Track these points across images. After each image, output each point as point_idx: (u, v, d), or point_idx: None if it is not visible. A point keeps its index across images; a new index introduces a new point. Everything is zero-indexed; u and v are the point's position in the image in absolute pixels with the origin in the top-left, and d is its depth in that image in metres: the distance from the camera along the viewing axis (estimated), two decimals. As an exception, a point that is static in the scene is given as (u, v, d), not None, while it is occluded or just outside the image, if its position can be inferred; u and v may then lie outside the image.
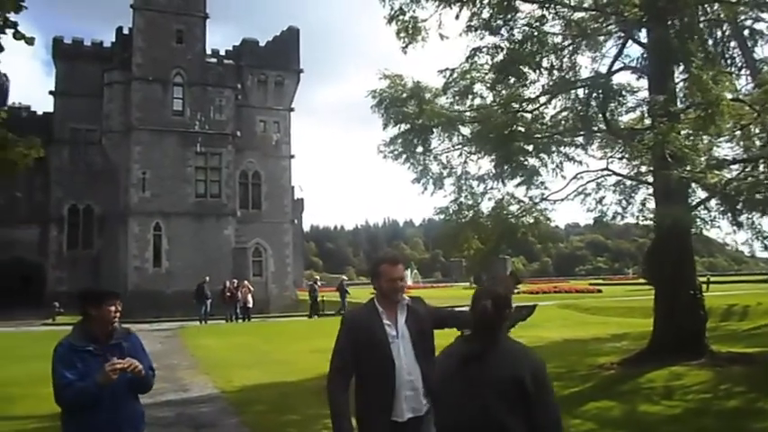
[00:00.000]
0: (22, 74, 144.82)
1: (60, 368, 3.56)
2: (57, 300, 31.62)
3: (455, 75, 10.00)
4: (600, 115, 9.48)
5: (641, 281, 56.09)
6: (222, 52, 41.55)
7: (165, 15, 37.26)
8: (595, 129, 9.92)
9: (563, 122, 10.26)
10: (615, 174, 11.53)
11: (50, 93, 39.77)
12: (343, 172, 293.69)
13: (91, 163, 39.74)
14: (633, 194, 12.61)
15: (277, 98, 42.35)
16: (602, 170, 11.72)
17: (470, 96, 10.19)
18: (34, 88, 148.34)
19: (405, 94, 9.83)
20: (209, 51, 39.91)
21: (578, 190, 12.21)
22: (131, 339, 4.06)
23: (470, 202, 10.92)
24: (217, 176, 38.31)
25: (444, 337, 3.31)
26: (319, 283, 32.95)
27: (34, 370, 13.08)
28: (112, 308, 3.81)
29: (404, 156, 10.56)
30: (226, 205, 38.30)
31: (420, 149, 10.31)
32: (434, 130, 10.03)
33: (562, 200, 11.94)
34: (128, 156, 36.45)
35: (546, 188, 11.79)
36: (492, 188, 10.82)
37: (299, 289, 58.54)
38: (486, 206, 10.95)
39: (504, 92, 10.09)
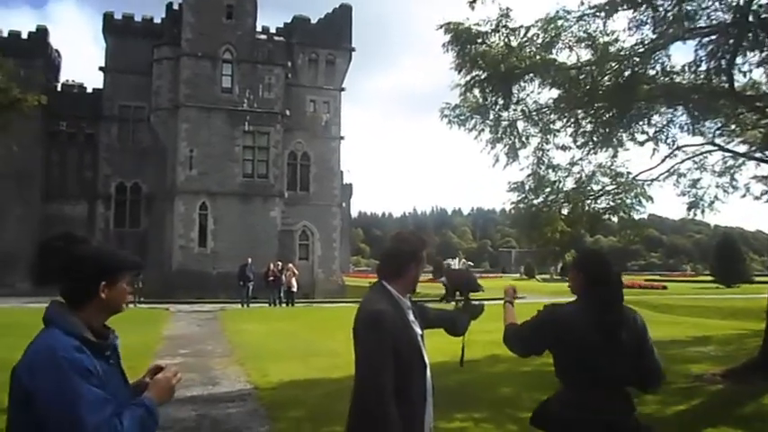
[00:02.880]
0: (75, 50, 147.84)
1: (84, 385, 2.00)
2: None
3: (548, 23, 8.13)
4: (722, 73, 7.58)
5: (705, 278, 53.25)
6: (273, 29, 40.26)
7: (215, -10, 36.27)
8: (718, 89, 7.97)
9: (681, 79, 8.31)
10: (724, 149, 9.67)
11: (100, 69, 39.33)
12: (392, 158, 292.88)
13: (139, 141, 39.29)
14: (734, 175, 10.75)
15: (328, 77, 41.00)
16: (705, 144, 9.88)
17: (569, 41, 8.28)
18: (87, 64, 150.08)
19: (489, 27, 8.09)
20: (259, 28, 38.80)
21: (671, 169, 10.41)
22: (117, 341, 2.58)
23: (552, 177, 9.21)
24: (264, 156, 37.29)
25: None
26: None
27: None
28: (127, 286, 2.38)
29: (474, 118, 8.90)
30: (273, 186, 37.27)
31: (499, 103, 8.51)
32: (523, 78, 8.23)
33: (651, 181, 10.15)
34: (175, 133, 35.76)
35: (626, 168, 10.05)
36: (578, 160, 9.07)
37: (346, 274, 57.73)
38: (571, 181, 9.21)
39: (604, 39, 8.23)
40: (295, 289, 26.43)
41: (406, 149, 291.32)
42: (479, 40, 8.07)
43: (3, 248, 36.16)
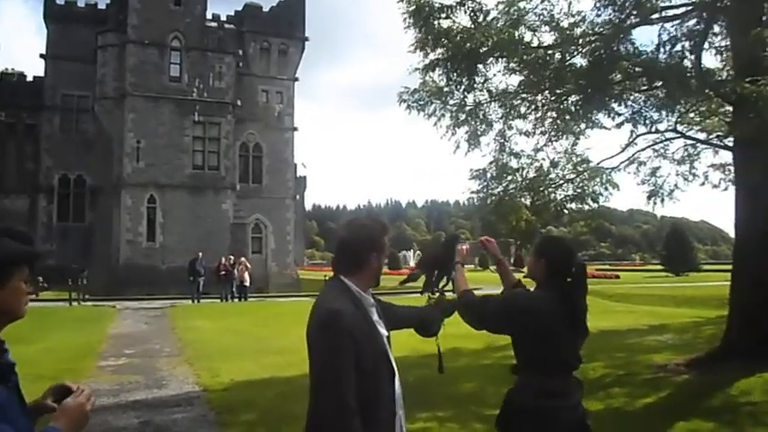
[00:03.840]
0: (13, 36, 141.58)
1: None
2: (44, 274, 29.79)
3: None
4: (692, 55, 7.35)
5: (655, 267, 54.49)
6: (223, 17, 39.12)
7: (163, -25, 35.00)
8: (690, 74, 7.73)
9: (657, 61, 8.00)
10: (686, 137, 9.53)
11: (41, 56, 37.55)
12: (347, 151, 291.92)
13: (83, 131, 37.80)
14: (694, 164, 10.69)
15: (280, 67, 40.13)
16: (668, 131, 9.72)
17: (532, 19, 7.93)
18: (27, 51, 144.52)
19: (453, 0, 7.62)
20: (210, 16, 37.65)
21: (631, 158, 10.25)
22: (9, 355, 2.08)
23: (514, 164, 8.89)
24: (215, 147, 36.27)
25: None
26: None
27: None
28: (25, 285, 1.89)
29: (434, 103, 8.49)
30: (224, 178, 36.31)
31: (464, 84, 8.09)
32: (489, 58, 7.82)
33: (612, 170, 9.97)
34: (121, 124, 34.39)
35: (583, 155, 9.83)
36: (543, 146, 8.76)
37: (300, 267, 56.94)
38: (534, 170, 8.90)
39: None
40: (248, 283, 25.67)
41: (361, 142, 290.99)
42: (443, 15, 7.64)
43: (-64, 245, 34.23)
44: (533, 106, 8.96)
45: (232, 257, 26.79)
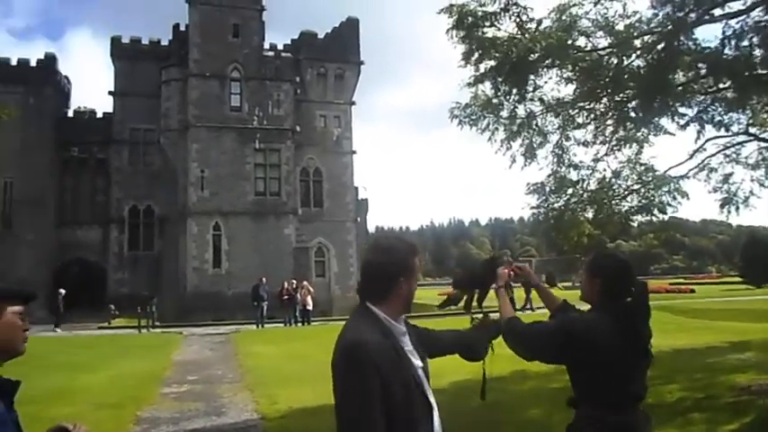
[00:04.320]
0: (89, 76, 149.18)
1: None
2: (117, 302, 30.84)
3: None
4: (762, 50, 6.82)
5: (732, 279, 51.81)
6: (280, 46, 40.01)
7: (220, 9, 36.17)
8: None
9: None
10: (760, 139, 8.89)
11: (110, 93, 39.27)
12: (407, 172, 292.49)
13: (150, 163, 39.14)
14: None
15: (337, 92, 40.63)
16: (740, 134, 9.11)
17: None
18: (98, 89, 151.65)
19: (497, 6, 7.36)
20: (266, 46, 38.57)
21: (701, 164, 9.64)
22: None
23: (574, 176, 8.47)
24: (276, 173, 36.85)
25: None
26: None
27: (52, 385, 11.60)
28: (19, 320, 1.91)
29: (486, 117, 8.21)
30: (286, 203, 36.77)
31: (513, 95, 7.79)
32: (539, 65, 7.50)
33: (680, 178, 9.38)
34: (185, 154, 35.45)
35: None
36: (603, 156, 8.32)
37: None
38: (595, 181, 8.46)
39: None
40: (311, 307, 25.75)
41: (421, 163, 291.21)
42: (487, 23, 7.38)
43: (18, 275, 35.92)
44: (591, 115, 8.55)
45: (294, 281, 26.96)
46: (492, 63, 7.49)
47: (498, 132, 8.46)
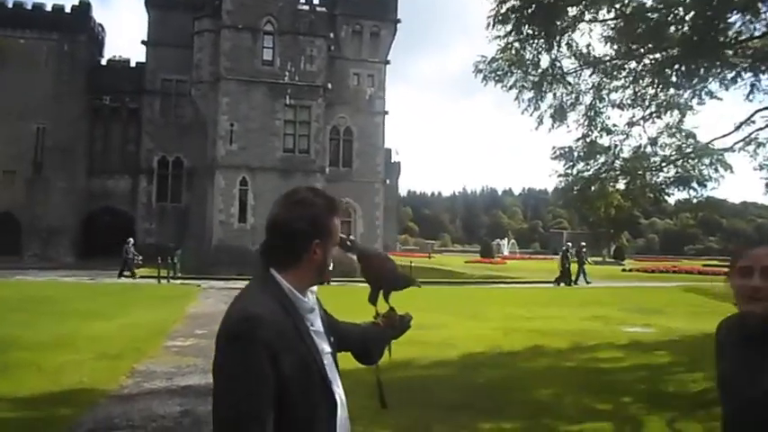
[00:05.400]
0: (122, 24, 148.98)
1: None
2: (143, 251, 31.00)
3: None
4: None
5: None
6: (316, 1, 39.07)
7: (256, -41, 35.30)
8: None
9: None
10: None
11: (143, 42, 38.99)
12: (441, 137, 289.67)
13: (181, 114, 39.03)
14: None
15: (372, 50, 39.67)
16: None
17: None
18: (133, 39, 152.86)
19: None
20: (303, 0, 37.68)
21: (747, 138, 8.80)
22: None
23: (605, 142, 7.74)
24: (306, 131, 36.33)
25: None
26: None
27: (61, 331, 11.48)
28: None
29: (514, 74, 7.50)
30: (314, 161, 36.34)
31: (537, 44, 7.04)
32: (570, 7, 6.73)
33: (723, 151, 8.57)
34: (216, 107, 35.10)
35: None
36: (639, 120, 7.55)
37: (391, 253, 56.57)
38: (629, 149, 7.73)
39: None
40: (330, 267, 25.35)
41: (456, 129, 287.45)
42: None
43: (49, 223, 36.53)
44: (630, 77, 7.77)
45: (317, 240, 26.64)
46: (515, 1, 6.73)
47: (526, 90, 7.76)
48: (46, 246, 36.36)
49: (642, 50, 7.01)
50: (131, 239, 28.97)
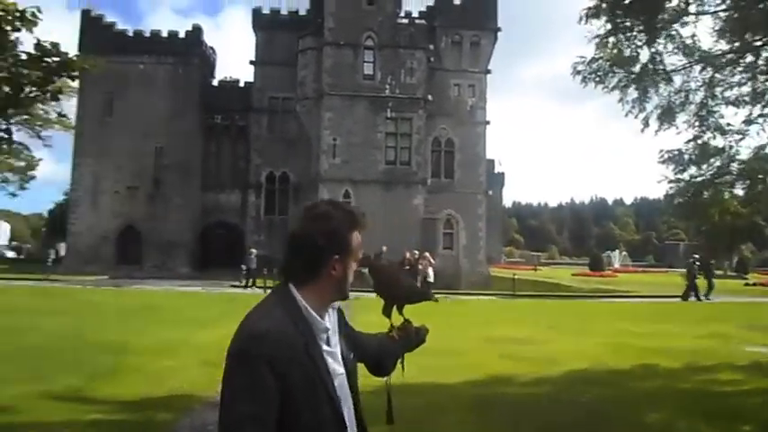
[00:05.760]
0: (233, 47, 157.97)
1: None
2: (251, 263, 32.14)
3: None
4: None
5: None
6: (415, 13, 39.33)
7: (356, -24, 36.08)
8: None
9: None
10: None
11: (251, 63, 40.76)
12: (546, 146, 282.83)
13: (287, 131, 40.31)
14: None
15: (472, 60, 39.34)
16: None
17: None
18: (242, 60, 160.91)
19: None
20: (402, 14, 38.07)
21: None
22: None
23: (719, 143, 7.08)
24: (407, 143, 36.54)
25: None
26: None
27: (168, 338, 11.99)
28: None
29: (616, 74, 7.02)
30: (416, 173, 36.42)
31: (635, 36, 6.52)
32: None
33: None
34: (319, 122, 36.05)
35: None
36: (756, 118, 6.85)
37: (495, 265, 55.55)
38: (747, 149, 7.03)
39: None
40: (431, 279, 25.24)
41: (561, 137, 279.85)
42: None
43: (167, 236, 38.85)
44: (747, 72, 7.07)
45: (417, 252, 26.57)
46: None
47: (629, 90, 7.25)
48: (164, 257, 38.66)
49: (760, 42, 6.37)
50: (254, 250, 30.32)
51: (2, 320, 13.36)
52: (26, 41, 16.70)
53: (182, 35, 40.79)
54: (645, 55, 6.85)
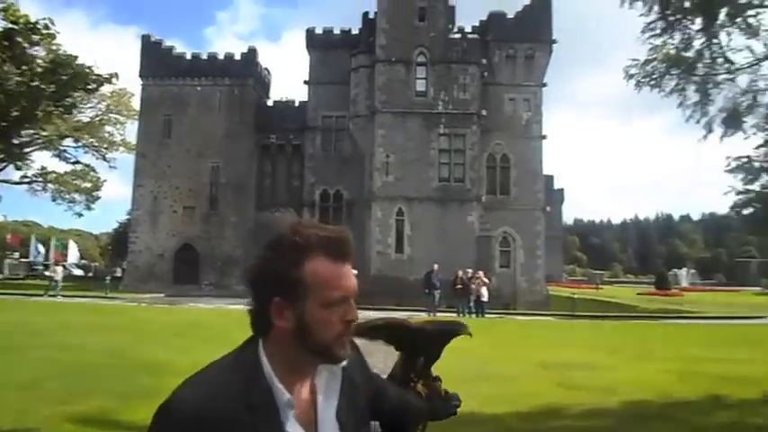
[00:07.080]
0: (290, 68, 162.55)
1: None
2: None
3: None
4: None
5: None
6: (468, 28, 38.87)
7: (407, -7, 35.99)
8: None
9: None
10: None
11: (305, 82, 41.10)
12: (607, 162, 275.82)
13: (340, 149, 40.42)
14: None
15: (527, 73, 38.56)
16: None
17: None
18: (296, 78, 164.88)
19: None
20: (455, 30, 37.71)
21: None
22: None
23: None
24: (461, 159, 35.93)
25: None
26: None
27: (210, 358, 11.73)
28: None
29: (673, 77, 6.36)
30: (470, 190, 35.72)
31: (699, 40, 5.86)
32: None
33: None
34: (372, 140, 35.91)
35: None
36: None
37: (557, 283, 53.83)
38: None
39: None
40: (485, 299, 24.47)
41: (623, 152, 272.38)
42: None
43: (224, 254, 39.37)
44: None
45: (470, 271, 25.85)
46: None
47: (688, 93, 6.57)
48: (220, 275, 39.13)
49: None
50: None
51: (52, 338, 13.46)
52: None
53: (237, 57, 41.55)
54: (704, 53, 6.16)
